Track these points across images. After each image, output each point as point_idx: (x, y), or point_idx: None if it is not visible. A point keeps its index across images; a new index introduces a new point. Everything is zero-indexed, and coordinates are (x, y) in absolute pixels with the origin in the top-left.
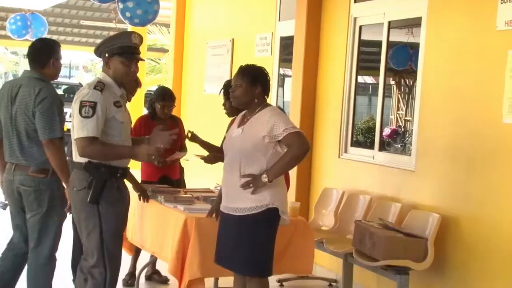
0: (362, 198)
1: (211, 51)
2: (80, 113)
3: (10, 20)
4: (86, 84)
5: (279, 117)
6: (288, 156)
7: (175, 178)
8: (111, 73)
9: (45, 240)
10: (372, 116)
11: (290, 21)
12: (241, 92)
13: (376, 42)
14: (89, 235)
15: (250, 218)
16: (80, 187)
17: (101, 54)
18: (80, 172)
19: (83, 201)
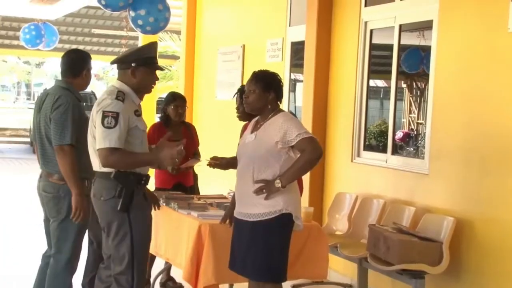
0: (376, 202)
1: (222, 57)
2: (102, 123)
3: (24, 30)
4: (105, 93)
5: (292, 123)
6: (301, 161)
7: (189, 185)
8: (135, 82)
9: (65, 246)
10: (384, 120)
11: (300, 26)
12: (254, 98)
13: (387, 45)
14: (119, 243)
15: (263, 223)
16: (109, 196)
17: (126, 64)
18: (106, 181)
19: (113, 210)
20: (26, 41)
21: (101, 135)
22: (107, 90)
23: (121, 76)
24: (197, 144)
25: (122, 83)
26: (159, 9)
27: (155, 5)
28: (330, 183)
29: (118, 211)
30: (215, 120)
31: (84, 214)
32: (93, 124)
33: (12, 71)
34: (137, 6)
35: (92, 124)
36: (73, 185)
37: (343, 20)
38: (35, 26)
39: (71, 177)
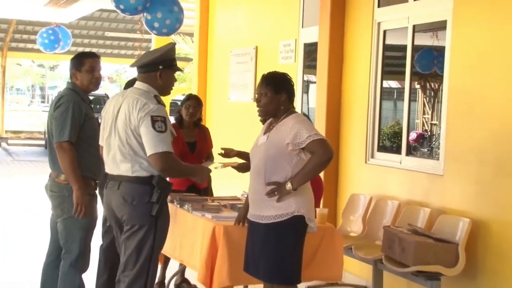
0: (390, 203)
1: (235, 59)
2: (154, 127)
3: (41, 34)
4: (141, 97)
5: (303, 124)
6: (311, 163)
7: (203, 187)
8: (160, 85)
9: (71, 246)
10: (397, 121)
11: (313, 27)
12: (266, 101)
13: (400, 46)
14: (142, 247)
15: (276, 226)
16: (142, 201)
17: (154, 67)
18: (140, 186)
19: (145, 215)
20: (44, 46)
21: (155, 139)
22: (136, 93)
23: (145, 79)
24: (210, 146)
25: (148, 85)
26: (175, 11)
27: (170, 8)
28: (344, 185)
29: (151, 216)
30: (228, 122)
31: (86, 210)
32: (130, 128)
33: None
34: (153, 9)
35: (128, 129)
36: (73, 182)
37: (356, 21)
38: (53, 30)
39: (70, 174)
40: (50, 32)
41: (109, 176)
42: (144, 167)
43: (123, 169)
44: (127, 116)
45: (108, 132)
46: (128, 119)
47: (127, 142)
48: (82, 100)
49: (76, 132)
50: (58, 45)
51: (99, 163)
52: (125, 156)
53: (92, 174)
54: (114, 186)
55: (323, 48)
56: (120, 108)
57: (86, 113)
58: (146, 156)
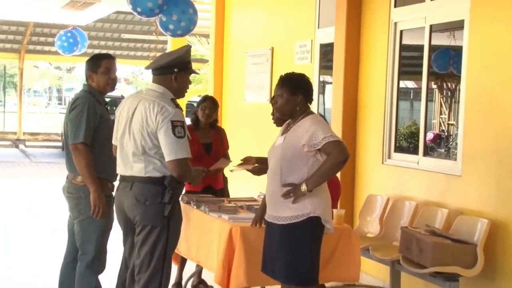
0: (408, 204)
1: (251, 60)
2: (174, 133)
3: (60, 37)
4: (158, 99)
5: (319, 126)
6: (327, 165)
7: (219, 188)
8: (176, 87)
9: (88, 247)
10: (414, 121)
11: (329, 28)
12: (282, 102)
13: (417, 46)
14: (155, 249)
15: (292, 227)
16: (155, 201)
17: (169, 69)
18: (152, 186)
19: (157, 215)
20: (63, 48)
21: (175, 145)
22: (152, 95)
23: (160, 81)
24: (226, 147)
25: (163, 88)
26: (189, 13)
27: (186, 9)
28: (361, 185)
29: (163, 216)
30: (244, 123)
31: (103, 211)
32: (147, 131)
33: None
34: (169, 11)
35: (144, 131)
36: (90, 183)
37: (372, 21)
38: (71, 33)
39: (87, 175)
40: (69, 35)
41: (121, 177)
42: (157, 167)
43: (136, 169)
44: (143, 118)
45: (121, 132)
46: (145, 121)
47: (141, 144)
48: (98, 102)
49: (91, 134)
50: (77, 47)
51: (114, 164)
52: (138, 157)
53: (108, 176)
54: (126, 187)
55: (339, 48)
56: (135, 109)
57: (101, 115)
58: (159, 158)
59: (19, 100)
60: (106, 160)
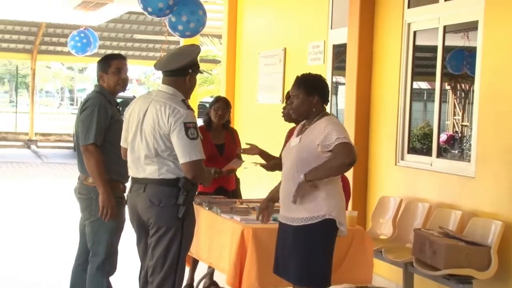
0: (421, 206)
1: (263, 60)
2: (187, 135)
3: (74, 37)
4: (169, 101)
5: (334, 127)
6: (332, 163)
7: (231, 189)
8: (187, 88)
9: (98, 249)
10: (427, 122)
11: (342, 28)
12: (298, 103)
13: (430, 47)
14: (169, 250)
15: (306, 228)
16: (169, 203)
17: (184, 71)
18: (166, 188)
19: (172, 217)
20: (76, 49)
21: (189, 147)
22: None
23: (172, 82)
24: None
25: (174, 89)
26: (199, 14)
27: (196, 11)
28: (373, 187)
29: (177, 218)
30: (256, 124)
31: (112, 212)
32: (159, 133)
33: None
34: (179, 12)
35: (156, 133)
36: (99, 184)
37: (385, 22)
38: (84, 34)
39: (96, 176)
40: (82, 35)
41: (133, 179)
42: (170, 169)
43: (149, 171)
44: (155, 121)
45: (133, 134)
46: (157, 124)
47: (153, 147)
48: (109, 102)
49: (102, 135)
50: (90, 48)
51: (125, 165)
52: (151, 160)
53: (120, 177)
54: (140, 189)
55: (352, 49)
56: (146, 111)
57: (113, 116)
58: (173, 159)
59: (31, 100)
60: (118, 161)
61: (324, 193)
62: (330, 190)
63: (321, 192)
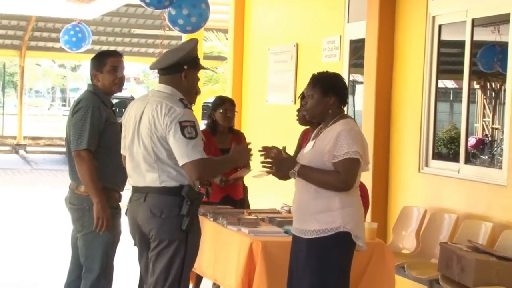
0: (447, 217)
1: (274, 57)
2: (183, 134)
3: (68, 32)
4: (165, 100)
5: (348, 136)
6: (324, 176)
7: (238, 198)
8: (186, 86)
9: (92, 264)
10: (454, 125)
11: (360, 22)
12: (312, 104)
13: (457, 42)
14: (171, 265)
15: (319, 242)
16: (171, 213)
17: (179, 67)
18: (168, 197)
19: (174, 229)
20: (70, 44)
21: (186, 147)
22: (159, 96)
23: (169, 81)
24: None
25: (172, 88)
26: (202, 8)
27: (198, 4)
28: (395, 196)
29: (181, 230)
30: (266, 127)
31: (107, 224)
32: (156, 136)
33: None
34: (180, 4)
35: (153, 136)
36: (93, 193)
37: (408, 15)
38: (79, 28)
39: (90, 185)
40: (77, 29)
41: (133, 188)
42: (172, 176)
43: (150, 179)
44: (151, 122)
45: (130, 139)
46: (153, 125)
47: (152, 151)
48: (103, 103)
49: (96, 139)
50: (85, 43)
51: (122, 173)
52: (151, 166)
53: (115, 185)
54: (140, 199)
55: (371, 45)
56: (142, 113)
57: (107, 118)
58: (174, 165)
59: (19, 101)
60: (113, 168)
61: (338, 203)
62: (345, 199)
63: (334, 201)
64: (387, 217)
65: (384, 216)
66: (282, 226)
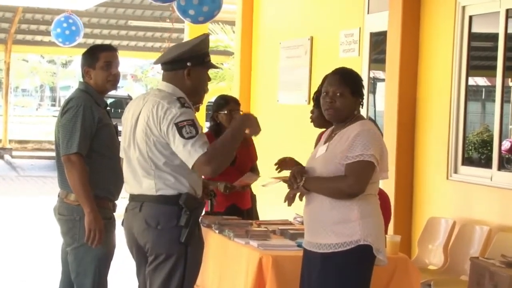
0: (479, 229)
1: (286, 52)
2: (182, 135)
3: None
4: (162, 100)
5: (364, 138)
6: (332, 182)
7: (246, 208)
8: (189, 85)
9: (84, 281)
10: (486, 127)
11: (382, 13)
12: (344, 104)
13: (490, 35)
14: (170, 282)
15: (336, 257)
16: (168, 224)
17: (181, 64)
18: (165, 207)
19: (172, 242)
20: (63, 38)
21: (188, 148)
22: (158, 96)
23: (171, 78)
24: (254, 159)
25: (174, 86)
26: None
27: None
28: (420, 206)
29: (179, 243)
30: (277, 129)
31: (100, 237)
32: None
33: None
34: None
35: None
36: (84, 202)
37: (434, 5)
38: (72, 19)
39: (81, 193)
40: (71, 22)
41: (130, 196)
42: (170, 184)
43: (146, 186)
44: (146, 125)
45: (127, 142)
46: (148, 128)
47: (148, 156)
48: (96, 103)
49: (87, 143)
50: (79, 36)
51: (117, 179)
52: (147, 172)
53: (109, 194)
54: (136, 208)
55: (393, 38)
56: (139, 114)
57: (101, 119)
58: (171, 171)
59: (4, 101)
60: (107, 174)
61: (357, 212)
62: (365, 209)
63: (353, 211)
64: (412, 229)
65: (408, 228)
66: (295, 239)
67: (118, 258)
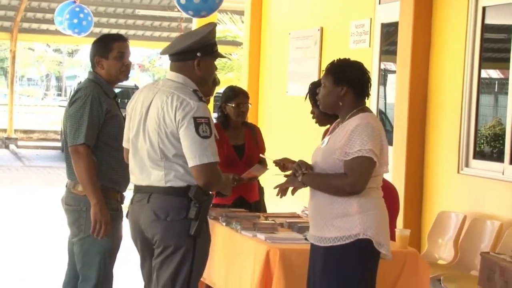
0: (490, 223)
1: (295, 43)
2: (198, 132)
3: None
4: (177, 91)
5: (363, 132)
6: (331, 179)
7: (253, 200)
8: (199, 75)
9: (89, 273)
10: (499, 120)
11: (393, 3)
12: (323, 93)
13: (504, 26)
14: (178, 274)
15: (337, 250)
16: (177, 216)
17: (191, 54)
18: (175, 198)
19: (182, 234)
20: (72, 27)
21: (199, 147)
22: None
23: (180, 69)
24: (262, 150)
25: (185, 77)
26: None
27: None
28: (430, 200)
29: (188, 235)
30: (285, 121)
31: (106, 228)
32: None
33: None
34: None
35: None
36: (90, 193)
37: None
38: (79, 7)
39: (87, 184)
40: (77, 10)
41: (135, 187)
42: (179, 175)
43: (154, 178)
44: (160, 115)
45: (135, 132)
46: (162, 119)
47: (159, 147)
48: (105, 93)
49: (95, 133)
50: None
51: (124, 171)
52: (156, 163)
53: (116, 185)
54: (143, 199)
55: (405, 29)
56: (150, 104)
57: (109, 110)
58: (183, 163)
59: (10, 90)
60: (114, 165)
61: (356, 206)
62: (365, 203)
63: (352, 205)
64: (422, 223)
65: (418, 222)
66: (303, 232)
67: (124, 250)
